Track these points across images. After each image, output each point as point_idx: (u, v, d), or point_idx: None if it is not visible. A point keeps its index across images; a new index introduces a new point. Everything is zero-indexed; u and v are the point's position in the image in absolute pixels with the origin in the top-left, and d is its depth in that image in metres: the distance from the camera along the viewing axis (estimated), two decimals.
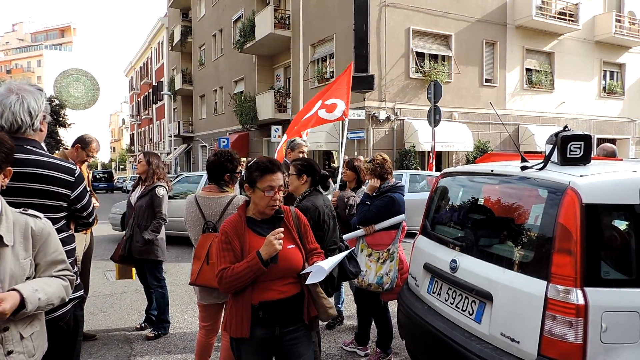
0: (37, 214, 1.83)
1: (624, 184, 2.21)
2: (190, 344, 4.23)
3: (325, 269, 2.15)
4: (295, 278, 2.26)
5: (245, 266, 2.11)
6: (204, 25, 30.60)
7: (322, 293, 2.35)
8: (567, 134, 2.45)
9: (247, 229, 2.26)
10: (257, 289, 2.18)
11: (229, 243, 2.21)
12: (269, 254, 2.09)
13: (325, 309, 2.33)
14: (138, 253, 4.34)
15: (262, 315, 2.18)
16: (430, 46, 16.76)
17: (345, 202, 4.17)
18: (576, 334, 2.01)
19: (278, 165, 2.29)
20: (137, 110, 55.02)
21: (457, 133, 16.47)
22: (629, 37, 20.52)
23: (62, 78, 10.86)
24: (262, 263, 2.08)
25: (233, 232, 2.24)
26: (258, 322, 2.19)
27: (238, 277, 2.12)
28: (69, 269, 1.89)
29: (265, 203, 2.24)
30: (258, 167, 2.25)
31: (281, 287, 2.20)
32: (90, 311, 5.15)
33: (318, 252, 2.40)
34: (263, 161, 2.28)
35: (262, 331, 2.20)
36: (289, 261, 2.20)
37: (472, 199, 3.11)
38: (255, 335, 2.20)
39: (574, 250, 2.08)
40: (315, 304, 2.32)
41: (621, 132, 21.75)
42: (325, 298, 2.36)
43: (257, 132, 23.33)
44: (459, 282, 2.66)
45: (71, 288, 1.88)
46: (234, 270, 2.13)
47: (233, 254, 2.19)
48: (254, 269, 2.09)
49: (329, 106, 5.04)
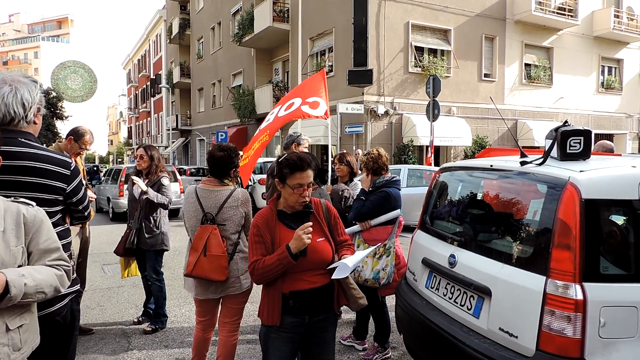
0: (29, 202, 1.80)
1: (623, 180, 2.21)
2: (188, 339, 4.23)
3: (350, 266, 2.21)
4: (325, 269, 2.33)
5: (276, 259, 2.19)
6: (202, 17, 30.43)
7: (352, 284, 2.43)
8: (567, 129, 2.44)
9: (278, 222, 2.34)
10: (287, 279, 2.26)
11: (260, 236, 2.30)
12: (298, 248, 2.16)
13: (355, 299, 2.42)
14: (147, 245, 4.37)
15: (292, 303, 2.26)
16: (429, 40, 16.70)
17: (340, 194, 4.16)
18: (575, 328, 2.01)
19: (308, 163, 2.31)
20: (135, 103, 54.81)
21: (455, 128, 16.45)
22: (628, 32, 20.50)
23: (60, 70, 10.78)
24: (291, 256, 2.16)
25: (264, 225, 2.32)
26: (289, 310, 2.27)
27: (269, 269, 2.21)
28: (64, 259, 1.85)
29: (294, 199, 2.30)
30: (288, 164, 2.29)
31: (312, 278, 2.28)
32: (87, 305, 5.15)
33: (348, 244, 2.48)
34: (293, 158, 2.30)
35: (293, 319, 2.28)
36: (318, 254, 2.28)
37: (471, 194, 3.10)
38: (286, 323, 2.28)
39: (573, 245, 2.07)
40: (345, 294, 2.41)
41: (619, 127, 21.78)
42: (355, 288, 2.45)
43: (255, 126, 23.23)
44: (457, 277, 2.66)
45: (68, 278, 1.84)
46: (265, 262, 2.22)
47: (264, 246, 2.28)
48: (283, 262, 2.18)
49: (311, 103, 5.10)
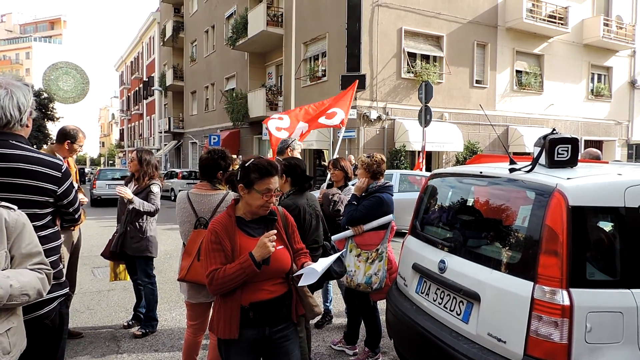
0: (10, 205, 1.79)
1: (609, 187, 2.25)
2: (178, 342, 4.21)
3: (318, 271, 2.16)
4: (283, 278, 2.27)
5: (238, 267, 2.08)
6: (196, 20, 30.40)
7: (308, 292, 2.40)
8: (555, 137, 2.48)
9: (237, 229, 2.24)
10: (247, 289, 2.16)
11: (219, 243, 2.18)
12: (262, 256, 2.08)
13: (311, 307, 2.39)
14: (133, 250, 4.31)
15: (252, 315, 2.17)
16: (421, 46, 16.83)
17: (330, 198, 4.20)
18: (561, 334, 2.04)
19: (277, 168, 2.27)
20: (127, 106, 54.52)
21: (447, 133, 16.56)
22: (617, 41, 20.79)
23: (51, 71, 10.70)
24: (255, 265, 2.07)
25: (223, 232, 2.20)
26: (248, 323, 2.17)
27: (230, 279, 2.09)
28: (45, 263, 1.86)
29: (260, 204, 2.22)
30: (258, 169, 2.21)
31: (271, 287, 2.21)
32: (77, 308, 5.11)
33: (304, 252, 2.42)
34: (263, 163, 2.23)
35: (252, 332, 2.19)
36: (279, 262, 2.21)
37: (461, 200, 3.13)
38: (245, 336, 2.18)
39: (560, 251, 2.11)
40: (302, 303, 2.36)
41: (608, 134, 22.04)
42: (311, 297, 2.42)
43: (248, 130, 23.25)
44: (447, 282, 2.68)
45: (49, 282, 1.85)
46: (226, 271, 2.10)
47: (224, 254, 2.16)
48: (247, 271, 2.07)
49: (329, 114, 5.44)
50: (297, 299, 2.34)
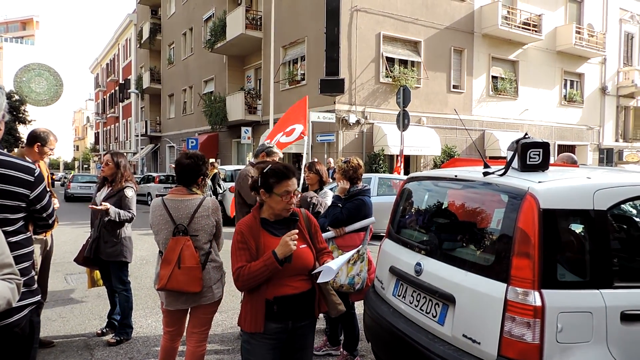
0: None
1: (579, 190, 2.31)
2: (154, 350, 4.14)
3: (334, 269, 2.27)
4: (307, 275, 2.40)
5: (262, 265, 2.24)
6: (173, 23, 30.10)
7: (331, 290, 2.51)
8: (527, 142, 2.53)
9: (262, 230, 2.39)
10: (271, 285, 2.31)
11: (244, 243, 2.34)
12: (284, 254, 2.23)
13: (334, 305, 2.49)
14: (106, 255, 4.22)
15: (276, 309, 2.30)
16: (400, 51, 17.02)
17: (309, 201, 4.21)
18: (534, 334, 2.08)
19: (293, 171, 2.41)
20: (103, 108, 53.54)
21: (425, 137, 16.77)
22: (588, 48, 21.44)
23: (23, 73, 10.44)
24: (277, 262, 2.22)
25: (248, 232, 2.37)
26: (272, 317, 2.31)
27: (255, 275, 2.25)
28: (15, 273, 1.82)
29: (282, 207, 2.38)
30: (275, 174, 2.37)
31: (295, 283, 2.35)
32: (48, 316, 4.97)
33: (327, 252, 2.56)
34: (280, 168, 2.39)
35: (276, 325, 2.32)
36: (301, 260, 2.35)
37: (437, 203, 3.17)
38: (270, 330, 2.32)
39: (532, 253, 2.15)
40: (325, 300, 2.48)
41: (580, 138, 22.66)
42: (334, 295, 2.52)
43: (226, 133, 23.09)
44: (423, 284, 2.71)
45: (18, 292, 1.81)
46: (251, 268, 2.26)
47: (249, 252, 2.32)
48: (270, 268, 2.22)
49: (287, 132, 5.80)
50: (320, 296, 2.46)
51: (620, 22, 24.00)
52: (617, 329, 2.11)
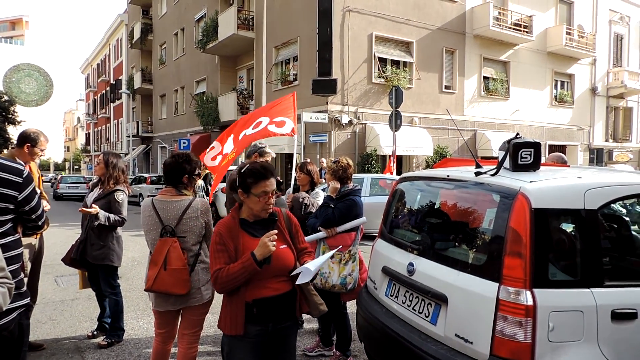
0: None
1: (570, 190, 2.32)
2: (146, 352, 4.11)
3: (312, 270, 2.24)
4: (287, 276, 2.36)
5: (240, 267, 2.19)
6: (165, 23, 29.94)
7: (313, 290, 2.47)
8: (518, 142, 2.55)
9: (241, 231, 2.34)
10: (250, 287, 2.26)
11: (223, 244, 2.29)
12: (263, 255, 2.18)
13: (316, 305, 2.45)
14: (93, 258, 4.13)
15: (256, 312, 2.26)
16: (392, 52, 17.06)
17: (301, 202, 4.21)
18: (525, 333, 2.09)
19: (271, 171, 2.36)
20: (94, 109, 53.13)
21: (417, 138, 16.82)
22: (578, 49, 21.63)
23: (13, 73, 10.34)
24: (256, 263, 2.17)
25: (227, 233, 2.31)
26: (252, 319, 2.27)
27: (233, 277, 2.19)
28: (7, 277, 1.80)
29: (260, 207, 2.33)
30: (252, 174, 2.32)
31: (275, 285, 2.30)
32: (39, 319, 4.92)
33: (308, 252, 2.52)
34: (257, 168, 2.34)
35: (256, 328, 2.28)
36: (281, 261, 2.30)
37: (429, 203, 3.18)
38: (250, 332, 2.28)
39: (523, 253, 2.16)
40: (306, 301, 2.44)
41: (571, 139, 22.85)
42: (316, 295, 2.48)
43: (218, 134, 22.88)
44: (415, 284, 2.71)
45: (9, 296, 1.79)
46: (229, 270, 2.20)
47: (227, 254, 2.27)
48: (249, 269, 2.18)
49: (278, 122, 5.44)
50: (302, 297, 2.43)
51: (609, 23, 24.25)
52: (607, 328, 2.13)
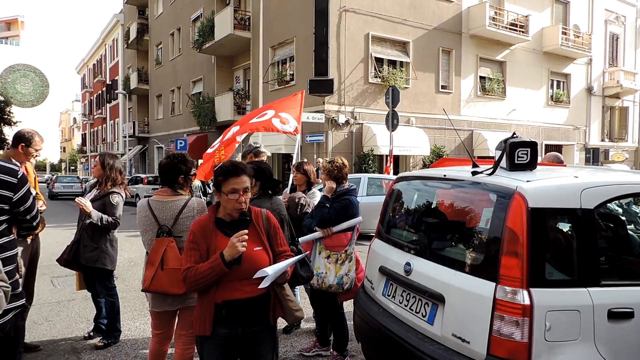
0: None
1: (566, 189, 2.32)
2: (142, 353, 4.10)
3: (269, 274, 2.17)
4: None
5: (208, 266, 2.16)
6: (161, 23, 29.86)
7: (288, 295, 2.41)
8: (515, 141, 2.55)
9: (216, 230, 2.31)
10: (221, 288, 2.22)
11: (195, 243, 2.27)
12: (231, 256, 2.14)
13: (291, 311, 2.40)
14: (85, 260, 4.09)
15: (225, 313, 2.22)
16: (388, 52, 17.07)
17: (297, 202, 4.20)
18: (522, 333, 2.09)
19: (242, 169, 2.32)
20: (90, 109, 52.96)
21: (414, 137, 16.83)
22: (574, 49, 21.70)
23: (8, 73, 10.30)
24: (224, 264, 2.13)
25: (200, 232, 2.29)
26: (221, 321, 2.23)
27: (202, 277, 2.17)
28: (4, 280, 1.79)
29: (231, 206, 2.29)
30: (222, 171, 2.31)
31: (246, 287, 2.24)
32: (35, 320, 4.89)
33: (286, 255, 2.44)
34: (227, 165, 2.33)
35: (225, 330, 2.24)
36: (253, 263, 2.24)
37: (426, 202, 3.18)
38: (218, 334, 2.24)
39: (520, 252, 2.16)
40: (281, 306, 2.38)
41: (567, 138, 22.92)
42: (292, 300, 2.42)
43: (215, 134, 22.93)
44: (412, 284, 2.71)
45: (6, 300, 1.78)
46: (198, 270, 2.18)
47: (199, 253, 2.24)
48: (216, 270, 2.14)
49: (282, 118, 5.39)
50: (276, 302, 2.37)
51: (605, 23, 24.33)
52: (604, 327, 2.13)
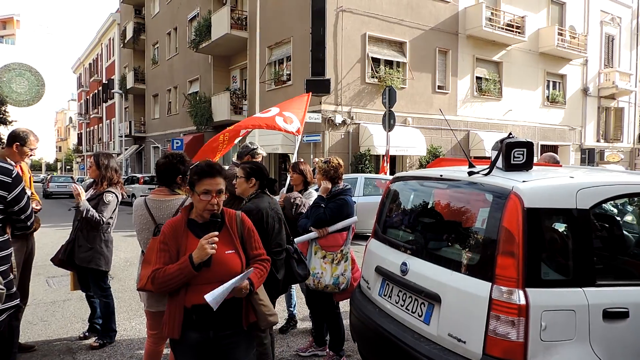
0: None
1: (562, 189, 2.33)
2: (138, 353, 4.08)
3: (209, 300, 2.05)
4: None
5: (176, 268, 2.12)
6: (158, 22, 29.78)
7: (261, 300, 2.33)
8: (511, 141, 2.55)
9: (188, 231, 2.25)
10: (191, 291, 2.17)
11: (165, 244, 2.22)
12: (200, 258, 2.09)
13: (264, 316, 2.32)
14: (80, 260, 4.07)
15: (195, 318, 2.18)
16: (385, 52, 17.08)
17: (292, 202, 4.20)
18: (518, 332, 2.10)
19: (218, 170, 2.27)
20: (86, 109, 52.74)
21: (410, 138, 16.85)
22: (570, 50, 21.78)
23: (4, 72, 10.24)
24: (192, 267, 2.09)
25: (171, 233, 2.24)
26: (191, 325, 2.19)
27: (170, 279, 2.12)
28: None
29: (202, 206, 2.25)
30: (197, 171, 2.26)
31: None
32: (29, 320, 4.87)
33: (261, 259, 2.38)
34: (202, 165, 2.29)
35: (196, 334, 2.20)
36: (224, 266, 2.20)
37: (422, 203, 3.18)
38: (189, 338, 2.20)
39: (516, 252, 2.16)
40: (254, 311, 2.31)
41: (563, 139, 23.00)
42: (265, 305, 2.34)
43: (212, 134, 22.90)
44: (409, 284, 2.71)
45: (0, 301, 1.77)
46: (166, 271, 2.13)
47: (169, 255, 2.20)
48: (184, 272, 2.10)
49: (286, 117, 5.35)
50: (249, 306, 2.30)
51: (601, 24, 24.43)
52: (599, 327, 2.14)
